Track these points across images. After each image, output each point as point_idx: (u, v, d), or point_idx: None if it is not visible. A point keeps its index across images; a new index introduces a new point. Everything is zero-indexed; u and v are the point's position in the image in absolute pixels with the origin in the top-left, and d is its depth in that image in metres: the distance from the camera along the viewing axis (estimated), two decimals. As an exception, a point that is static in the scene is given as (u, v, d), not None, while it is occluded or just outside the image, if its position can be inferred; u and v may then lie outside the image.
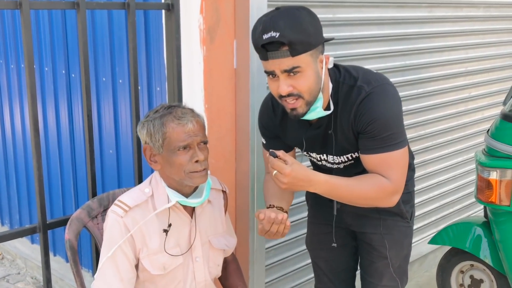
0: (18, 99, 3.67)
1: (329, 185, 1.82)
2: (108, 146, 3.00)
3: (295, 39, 1.65)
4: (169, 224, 1.77)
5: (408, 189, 2.10)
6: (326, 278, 2.31)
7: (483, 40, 3.71)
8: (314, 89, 1.75)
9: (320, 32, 1.74)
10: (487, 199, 2.65)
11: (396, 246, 2.11)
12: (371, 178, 1.85)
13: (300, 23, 1.67)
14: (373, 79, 1.84)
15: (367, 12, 2.81)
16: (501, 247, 2.72)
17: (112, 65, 2.85)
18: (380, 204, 1.89)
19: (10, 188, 4.01)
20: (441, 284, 3.14)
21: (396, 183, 1.84)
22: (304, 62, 1.70)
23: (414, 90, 3.24)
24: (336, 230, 2.17)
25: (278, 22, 1.66)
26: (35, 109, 1.82)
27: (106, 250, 1.73)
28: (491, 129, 2.73)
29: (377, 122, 1.78)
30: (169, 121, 1.70)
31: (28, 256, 3.80)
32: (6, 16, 3.59)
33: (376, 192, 1.83)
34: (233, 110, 2.36)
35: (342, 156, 1.96)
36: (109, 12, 2.77)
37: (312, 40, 1.69)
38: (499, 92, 3.97)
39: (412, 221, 2.17)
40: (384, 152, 1.81)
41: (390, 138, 1.80)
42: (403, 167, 1.86)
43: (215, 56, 2.23)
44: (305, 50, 1.68)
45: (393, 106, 1.82)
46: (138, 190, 1.79)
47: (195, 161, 1.71)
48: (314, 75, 1.74)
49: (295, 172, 1.72)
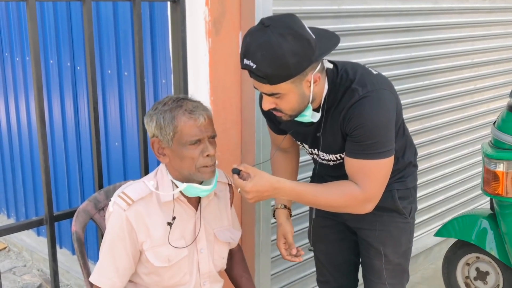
0: (24, 92, 3.68)
1: (296, 192, 1.82)
2: (114, 138, 3.00)
3: (271, 73, 1.62)
4: (173, 217, 1.77)
5: (407, 185, 2.08)
6: (326, 271, 2.31)
7: (489, 32, 3.69)
8: (297, 109, 1.75)
9: (304, 59, 1.64)
10: (493, 191, 2.65)
11: (393, 243, 2.08)
12: (341, 185, 1.84)
13: (281, 56, 1.59)
14: (369, 82, 1.79)
15: (372, 3, 2.80)
16: (507, 240, 2.72)
17: (117, 58, 2.85)
18: (352, 211, 1.87)
19: (16, 182, 4.03)
20: (447, 276, 3.14)
21: (367, 192, 1.80)
22: (284, 89, 1.67)
23: (420, 82, 3.22)
24: (335, 224, 2.17)
25: (256, 53, 1.61)
26: (41, 102, 1.82)
27: (104, 241, 1.74)
28: (498, 121, 2.72)
29: (363, 128, 1.74)
30: (180, 114, 1.68)
31: (34, 249, 3.82)
32: (11, 9, 3.59)
33: (345, 200, 1.81)
34: (239, 102, 2.36)
35: (330, 155, 1.96)
36: (114, 4, 2.77)
37: (292, 72, 1.63)
38: (505, 84, 3.96)
39: (412, 217, 2.12)
40: (364, 159, 1.78)
41: (374, 146, 1.76)
42: (381, 177, 1.83)
43: (221, 48, 2.22)
44: (284, 80, 1.64)
45: (383, 113, 1.76)
46: (142, 183, 1.78)
47: (206, 155, 1.70)
48: (297, 97, 1.71)
49: (256, 186, 1.74)
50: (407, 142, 2.07)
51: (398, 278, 2.13)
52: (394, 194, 2.04)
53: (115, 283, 1.73)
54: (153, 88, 2.67)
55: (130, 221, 1.71)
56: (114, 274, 1.73)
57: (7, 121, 3.96)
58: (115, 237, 1.72)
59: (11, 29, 3.64)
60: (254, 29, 1.65)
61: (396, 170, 1.98)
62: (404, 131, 2.04)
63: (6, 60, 3.77)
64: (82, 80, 3.14)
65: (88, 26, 1.89)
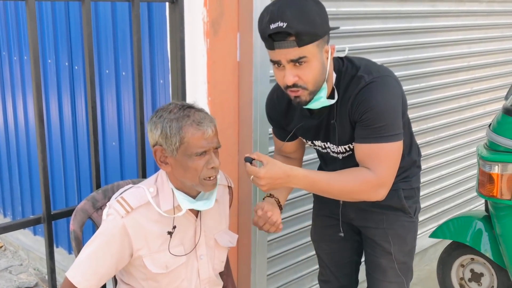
0: (21, 91, 3.68)
1: (309, 179, 1.81)
2: (111, 138, 3.01)
3: (302, 29, 1.65)
4: (173, 226, 1.74)
5: (412, 185, 2.10)
6: (329, 271, 2.32)
7: (486, 35, 3.71)
8: (319, 80, 1.76)
9: (326, 22, 1.74)
10: (488, 193, 2.67)
11: (399, 241, 2.10)
12: (354, 171, 1.84)
13: (307, 13, 1.67)
14: (374, 70, 1.83)
15: (370, 6, 2.81)
16: (501, 241, 2.74)
17: (115, 58, 2.86)
18: (365, 198, 1.86)
19: (13, 180, 4.02)
20: (442, 277, 3.15)
21: (381, 176, 1.81)
22: (311, 53, 1.70)
23: (417, 84, 3.24)
24: (339, 224, 2.17)
25: (285, 12, 1.66)
26: (40, 101, 1.83)
27: (93, 240, 1.70)
28: (493, 124, 2.74)
29: (372, 111, 1.77)
30: (188, 125, 1.64)
31: (31, 248, 3.82)
32: (9, 8, 3.59)
33: (359, 185, 1.81)
34: (236, 103, 2.37)
35: (340, 146, 1.96)
36: (112, 4, 2.77)
37: (319, 31, 1.69)
38: (501, 86, 3.98)
39: (416, 217, 2.15)
40: (374, 143, 1.79)
41: (383, 129, 1.78)
42: (392, 161, 1.84)
43: (219, 49, 2.23)
44: (311, 40, 1.68)
45: (390, 97, 1.80)
46: (142, 189, 1.74)
47: (211, 167, 1.68)
48: (320, 65, 1.74)
49: (270, 173, 1.74)
50: (412, 140, 2.10)
51: (403, 276, 2.14)
52: (400, 193, 2.06)
53: (91, 285, 1.69)
54: (151, 88, 2.68)
55: (126, 228, 1.67)
56: (92, 277, 1.68)
57: (4, 120, 3.96)
58: (104, 242, 1.68)
59: (9, 28, 3.64)
60: (273, 2, 1.72)
61: (401, 168, 1.99)
62: (409, 128, 2.06)
63: (4, 59, 3.77)
64: (80, 79, 3.15)
65: (87, 26, 1.89)
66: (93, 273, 1.69)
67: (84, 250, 1.71)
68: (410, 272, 2.20)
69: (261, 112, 2.34)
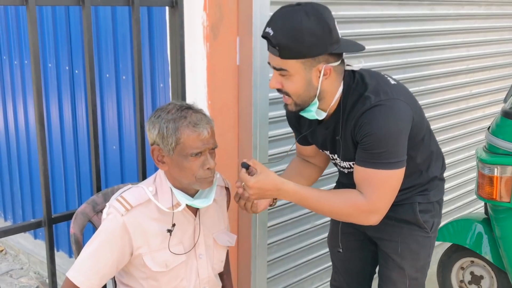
0: (22, 95, 3.69)
1: (300, 195, 1.81)
2: (112, 142, 3.01)
3: (284, 44, 1.64)
4: (173, 224, 1.76)
5: (430, 199, 2.04)
6: (341, 278, 2.30)
7: (484, 38, 3.72)
8: (302, 95, 1.75)
9: (322, 43, 1.67)
10: (487, 196, 2.67)
11: (412, 256, 2.03)
12: (347, 193, 1.82)
13: (297, 30, 1.63)
14: (383, 91, 1.76)
15: (368, 9, 2.82)
16: (501, 244, 2.74)
17: (115, 62, 2.87)
18: (355, 221, 1.84)
19: (13, 184, 4.03)
20: (442, 280, 3.16)
21: (372, 202, 1.76)
22: (292, 68, 1.69)
23: (416, 87, 3.25)
24: (355, 233, 2.15)
25: (277, 21, 1.65)
26: (40, 105, 1.83)
27: (93, 239, 1.71)
28: (492, 126, 2.75)
29: (372, 136, 1.72)
30: (184, 126, 1.66)
31: (31, 251, 3.83)
32: (10, 13, 3.60)
33: (348, 208, 1.79)
34: (236, 106, 2.38)
35: (345, 162, 1.94)
36: (112, 9, 2.78)
37: (305, 51, 1.66)
38: (500, 89, 3.99)
39: (433, 231, 2.06)
40: (371, 168, 1.75)
41: (382, 155, 1.73)
42: (388, 188, 1.78)
43: (218, 53, 2.24)
44: (294, 57, 1.67)
45: (394, 123, 1.74)
46: (141, 188, 1.77)
47: (206, 168, 1.70)
48: (303, 82, 1.72)
49: (259, 183, 1.74)
50: (433, 155, 2.03)
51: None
52: (415, 207, 2.00)
53: (93, 285, 1.70)
54: (151, 92, 2.69)
55: (126, 226, 1.69)
56: (94, 277, 1.69)
57: (4, 124, 3.97)
58: (105, 240, 1.69)
59: (10, 32, 3.65)
60: (286, 5, 1.70)
61: (418, 184, 1.97)
62: (430, 144, 2.00)
63: (5, 63, 3.78)
64: (80, 83, 3.16)
65: (88, 30, 1.90)
66: (95, 272, 1.70)
67: (84, 250, 1.72)
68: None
69: (260, 116, 2.36)
